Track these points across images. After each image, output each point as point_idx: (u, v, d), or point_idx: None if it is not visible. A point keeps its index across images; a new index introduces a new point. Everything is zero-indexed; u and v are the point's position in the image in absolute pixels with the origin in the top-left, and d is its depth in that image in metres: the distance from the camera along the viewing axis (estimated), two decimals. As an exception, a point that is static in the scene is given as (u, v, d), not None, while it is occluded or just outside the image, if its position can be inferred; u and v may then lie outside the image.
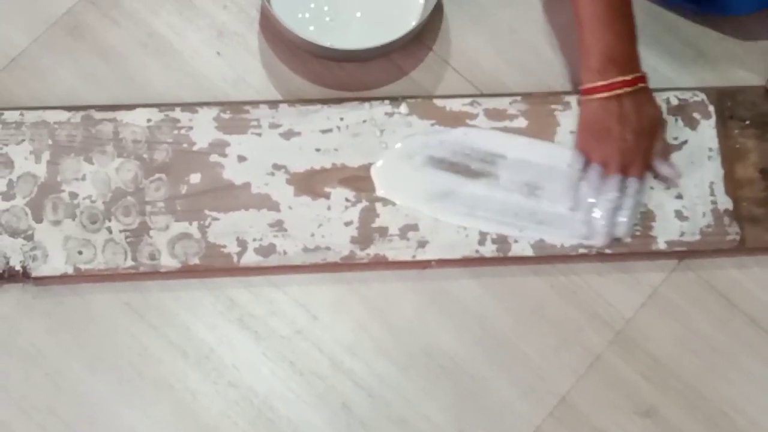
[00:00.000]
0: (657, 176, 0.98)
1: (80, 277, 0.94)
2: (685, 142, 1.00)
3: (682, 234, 0.97)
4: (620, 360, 0.96)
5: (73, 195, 0.95)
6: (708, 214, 0.98)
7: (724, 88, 1.03)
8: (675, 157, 1.00)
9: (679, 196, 0.98)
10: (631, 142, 0.94)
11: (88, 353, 0.94)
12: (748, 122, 1.01)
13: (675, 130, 1.00)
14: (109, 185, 0.96)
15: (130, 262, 0.94)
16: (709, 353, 0.97)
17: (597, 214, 0.96)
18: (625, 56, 0.94)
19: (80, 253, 0.94)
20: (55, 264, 0.93)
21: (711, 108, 1.01)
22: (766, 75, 1.04)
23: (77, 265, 0.94)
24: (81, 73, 1.01)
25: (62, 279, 0.94)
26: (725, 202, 0.98)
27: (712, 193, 0.99)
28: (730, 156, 1.00)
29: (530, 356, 0.96)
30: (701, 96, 1.02)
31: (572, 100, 1.01)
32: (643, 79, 0.95)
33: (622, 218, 0.96)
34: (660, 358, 0.96)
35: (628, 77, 0.93)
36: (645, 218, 0.98)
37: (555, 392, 0.95)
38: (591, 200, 0.96)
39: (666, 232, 0.97)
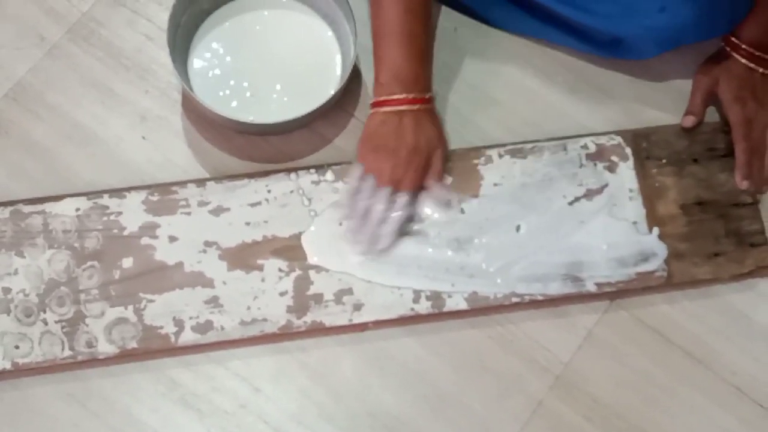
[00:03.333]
0: (430, 197, 1.01)
1: (19, 371, 0.94)
2: (606, 185, 1.03)
3: (611, 275, 0.99)
4: (562, 404, 0.97)
5: (6, 290, 0.96)
6: (634, 254, 1.00)
7: (638, 130, 1.06)
8: (596, 200, 1.02)
9: (605, 238, 1.01)
10: (403, 158, 0.97)
11: (32, 447, 0.94)
12: (664, 161, 1.04)
13: (595, 174, 1.03)
14: (42, 277, 0.96)
15: (67, 352, 0.94)
16: (649, 389, 0.98)
17: (361, 222, 0.98)
18: (411, 76, 0.98)
19: (17, 347, 0.94)
20: (-7, 360, 0.94)
21: (628, 150, 1.04)
22: (677, 113, 1.07)
23: (15, 359, 0.94)
24: (7, 168, 1.02)
25: (1, 375, 0.94)
26: (649, 240, 1.01)
27: (636, 233, 1.01)
28: (650, 195, 1.03)
29: (474, 408, 0.97)
30: (617, 139, 1.05)
31: (493, 153, 1.03)
32: (426, 101, 0.99)
33: (387, 230, 0.98)
34: (601, 399, 0.98)
35: (410, 96, 0.97)
36: (573, 262, 1.00)
37: (501, 442, 0.96)
38: (359, 209, 0.98)
39: (594, 274, 0.99)
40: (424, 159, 0.98)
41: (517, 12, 1.09)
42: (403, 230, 0.99)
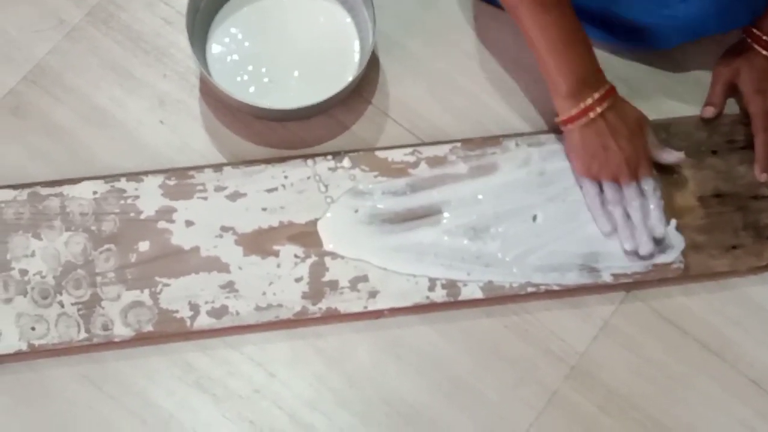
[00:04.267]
0: (661, 167, 1.01)
1: (35, 353, 0.94)
2: (624, 175, 1.02)
3: (627, 266, 0.99)
4: (577, 394, 0.97)
5: (23, 272, 0.96)
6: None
7: (658, 121, 1.05)
8: (614, 190, 1.01)
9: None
10: (629, 149, 0.96)
11: (48, 428, 0.94)
12: (683, 152, 1.04)
13: (613, 164, 1.02)
14: (59, 259, 0.97)
15: (83, 335, 0.94)
16: (664, 380, 0.98)
17: (630, 226, 0.98)
18: (591, 74, 0.96)
19: (33, 329, 0.94)
20: (9, 342, 0.94)
21: (647, 140, 1.04)
22: (696, 105, 1.06)
23: (31, 341, 0.94)
24: (26, 151, 1.03)
25: (17, 356, 0.94)
26: (667, 232, 1.00)
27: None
28: (668, 186, 1.02)
29: (489, 396, 0.97)
30: (636, 129, 1.04)
31: (511, 142, 1.03)
32: (613, 89, 0.97)
33: (655, 218, 0.98)
34: (616, 389, 0.97)
35: (601, 92, 0.95)
36: (590, 253, 0.99)
37: (515, 430, 0.96)
38: (620, 216, 0.98)
39: (611, 265, 0.99)
40: (643, 138, 0.98)
41: (538, 1, 1.08)
42: (419, 220, 0.99)
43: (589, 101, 0.95)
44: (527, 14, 0.94)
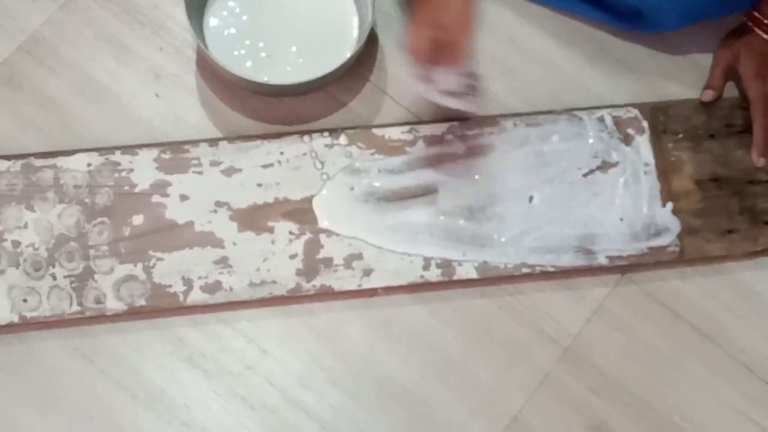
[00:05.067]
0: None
1: (26, 325, 0.94)
2: (621, 158, 1.02)
3: (623, 248, 0.99)
4: (569, 376, 0.97)
5: (16, 243, 0.95)
6: (647, 227, 0.99)
7: (656, 103, 1.05)
8: (611, 173, 1.01)
9: (618, 211, 1.00)
10: None
11: (37, 400, 0.93)
12: (681, 135, 1.03)
13: (610, 147, 1.02)
14: (52, 232, 0.96)
15: (75, 307, 0.94)
16: (656, 364, 0.98)
17: None
18: None
19: (25, 300, 0.94)
20: (1, 313, 0.93)
21: (645, 123, 1.03)
22: (696, 88, 1.06)
23: (23, 313, 0.94)
24: (19, 122, 1.02)
25: (8, 328, 0.94)
26: (663, 215, 1.00)
27: (650, 207, 1.00)
28: (665, 169, 1.02)
29: (481, 377, 0.97)
30: (635, 112, 1.04)
31: (508, 122, 1.02)
32: None
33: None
34: (608, 372, 0.97)
35: None
36: (586, 235, 0.99)
37: (507, 411, 0.96)
38: None
39: (607, 247, 0.99)
40: None
41: (539, -20, 1.08)
42: (414, 198, 0.99)
43: None
44: None
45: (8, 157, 0.98)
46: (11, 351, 0.94)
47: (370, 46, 1.05)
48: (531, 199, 1.00)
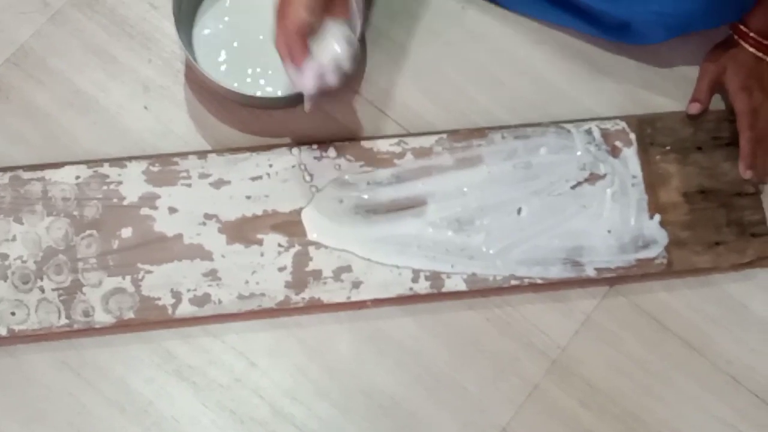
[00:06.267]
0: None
1: (14, 338, 0.94)
2: (609, 170, 1.02)
3: (611, 260, 0.99)
4: (557, 388, 0.97)
5: (4, 256, 0.95)
6: (634, 240, 1.00)
7: (644, 116, 1.05)
8: (599, 185, 1.01)
9: (606, 223, 1.00)
10: None
11: (25, 414, 0.93)
12: (668, 147, 1.04)
13: (598, 159, 1.02)
14: (40, 244, 0.96)
15: (64, 320, 0.94)
16: (644, 376, 0.98)
17: None
18: None
19: (13, 314, 0.94)
20: (-12, 326, 0.93)
21: (632, 135, 1.04)
22: (682, 100, 1.06)
23: (11, 326, 0.93)
24: (7, 134, 1.01)
25: (-4, 341, 0.94)
26: (651, 227, 1.00)
27: (638, 219, 1.01)
28: (653, 182, 1.02)
29: (469, 390, 0.97)
30: (622, 124, 1.04)
31: (496, 134, 1.03)
32: None
33: None
34: (596, 384, 0.98)
35: None
36: (574, 247, 0.99)
37: (495, 424, 0.96)
38: None
39: (595, 259, 0.99)
40: None
41: (527, -7, 1.08)
42: (403, 211, 0.99)
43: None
44: None
45: (-4, 170, 0.98)
46: (-1, 364, 0.94)
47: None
48: (519, 211, 1.00)
